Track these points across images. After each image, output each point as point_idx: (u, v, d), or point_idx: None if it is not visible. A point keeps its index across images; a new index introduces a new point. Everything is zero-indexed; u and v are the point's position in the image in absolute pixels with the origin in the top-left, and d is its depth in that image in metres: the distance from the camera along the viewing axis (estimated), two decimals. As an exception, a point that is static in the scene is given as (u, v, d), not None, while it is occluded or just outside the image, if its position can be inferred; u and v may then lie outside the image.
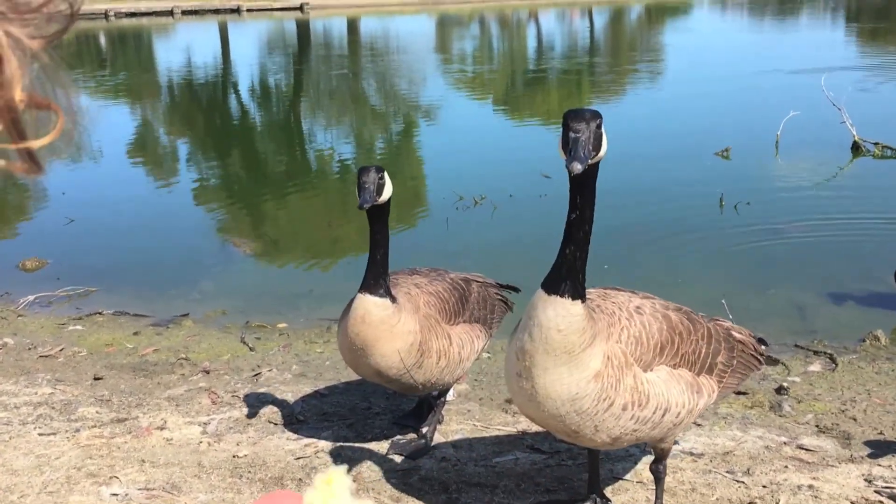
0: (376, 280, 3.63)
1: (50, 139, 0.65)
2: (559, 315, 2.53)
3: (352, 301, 3.75)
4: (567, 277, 2.59)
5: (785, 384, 4.67)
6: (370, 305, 3.64)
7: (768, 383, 4.74)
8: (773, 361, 4.51)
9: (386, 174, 3.64)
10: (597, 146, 2.48)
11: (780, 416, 4.37)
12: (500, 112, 16.30)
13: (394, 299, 3.68)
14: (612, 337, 2.67)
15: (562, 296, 2.57)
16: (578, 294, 2.58)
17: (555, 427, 2.67)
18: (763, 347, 3.35)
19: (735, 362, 3.02)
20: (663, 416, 2.65)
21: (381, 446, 4.15)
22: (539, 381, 2.55)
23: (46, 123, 0.65)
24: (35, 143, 0.64)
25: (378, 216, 3.67)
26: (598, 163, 2.56)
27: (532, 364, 2.56)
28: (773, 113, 11.10)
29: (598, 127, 2.48)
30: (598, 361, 2.55)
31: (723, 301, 5.51)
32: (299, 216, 9.48)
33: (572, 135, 2.44)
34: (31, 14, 0.62)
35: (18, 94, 0.61)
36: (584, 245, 2.62)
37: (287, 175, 11.68)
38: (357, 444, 4.17)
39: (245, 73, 24.20)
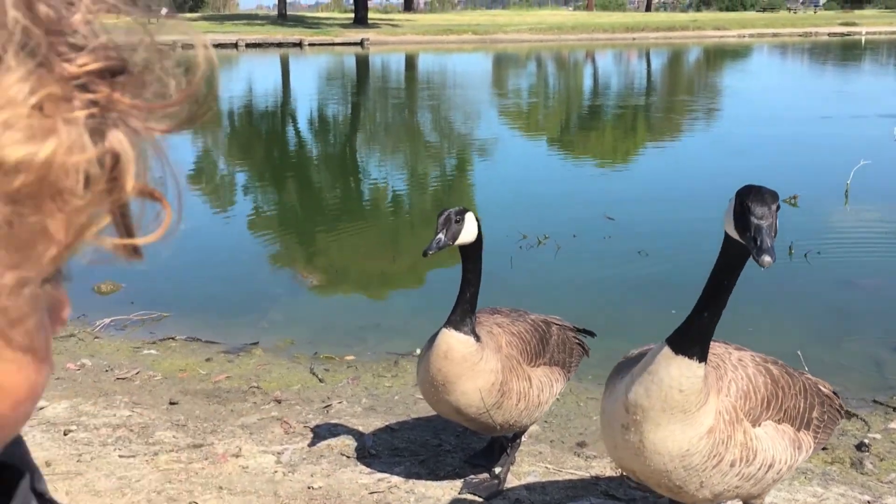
0: (463, 317, 3.65)
1: (155, 237, 0.63)
2: (684, 376, 2.50)
3: (435, 335, 3.76)
4: (698, 340, 2.55)
5: (866, 441, 4.56)
6: (454, 341, 3.65)
7: (848, 439, 4.64)
8: (849, 415, 4.42)
9: (468, 215, 3.66)
10: (776, 230, 2.41)
11: (862, 473, 4.27)
12: (556, 150, 16.33)
13: (478, 337, 3.70)
14: (722, 391, 2.64)
15: (689, 357, 2.54)
16: (704, 357, 2.55)
17: (656, 482, 2.64)
18: (839, 401, 3.29)
19: (826, 417, 2.98)
20: (767, 472, 2.62)
21: (453, 485, 4.15)
22: (649, 436, 2.53)
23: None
24: (140, 241, 0.63)
25: (469, 254, 3.71)
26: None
27: (644, 419, 2.53)
28: (841, 160, 10.95)
29: (778, 209, 2.40)
30: (711, 418, 2.53)
31: (798, 352, 5.41)
32: (364, 249, 9.58)
33: (755, 221, 2.34)
34: (158, 110, 0.61)
35: (130, 185, 0.59)
36: (722, 309, 2.58)
37: (350, 207, 11.83)
38: (430, 482, 4.17)
39: (304, 105, 24.65)
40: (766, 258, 2.27)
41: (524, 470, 4.32)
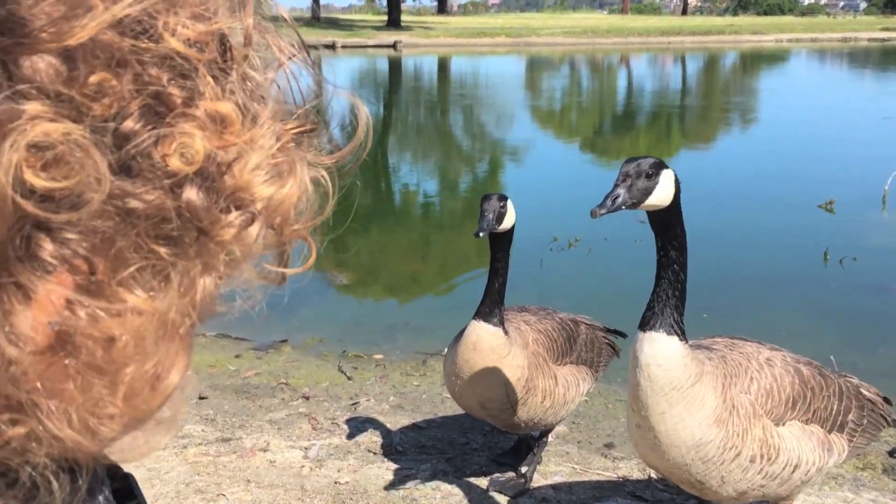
0: (492, 308, 3.64)
1: (300, 271, 0.69)
2: (655, 348, 2.55)
3: (463, 329, 3.76)
4: (661, 314, 2.60)
5: (899, 448, 4.49)
6: (483, 332, 3.64)
7: (880, 445, 4.56)
8: (886, 422, 4.34)
9: (509, 202, 3.68)
10: (641, 196, 2.53)
11: (894, 479, 4.20)
12: (589, 153, 16.26)
13: (506, 331, 3.69)
14: (736, 386, 2.63)
15: (656, 331, 2.58)
16: (674, 330, 2.60)
17: (680, 477, 2.63)
18: (889, 408, 3.24)
19: (865, 421, 2.93)
20: (793, 472, 2.59)
21: (479, 482, 4.15)
22: (660, 428, 2.53)
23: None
24: (289, 272, 0.70)
25: (500, 244, 3.70)
26: (670, 207, 2.56)
27: (648, 412, 2.55)
28: (878, 166, 10.78)
29: (648, 177, 2.51)
30: (712, 399, 2.53)
31: (831, 357, 5.33)
32: (393, 249, 9.62)
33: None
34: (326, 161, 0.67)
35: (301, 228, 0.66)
36: (676, 284, 2.63)
37: (381, 208, 11.88)
38: (456, 479, 4.17)
39: (337, 105, 24.78)
40: (593, 209, 2.50)
41: (551, 469, 4.30)
